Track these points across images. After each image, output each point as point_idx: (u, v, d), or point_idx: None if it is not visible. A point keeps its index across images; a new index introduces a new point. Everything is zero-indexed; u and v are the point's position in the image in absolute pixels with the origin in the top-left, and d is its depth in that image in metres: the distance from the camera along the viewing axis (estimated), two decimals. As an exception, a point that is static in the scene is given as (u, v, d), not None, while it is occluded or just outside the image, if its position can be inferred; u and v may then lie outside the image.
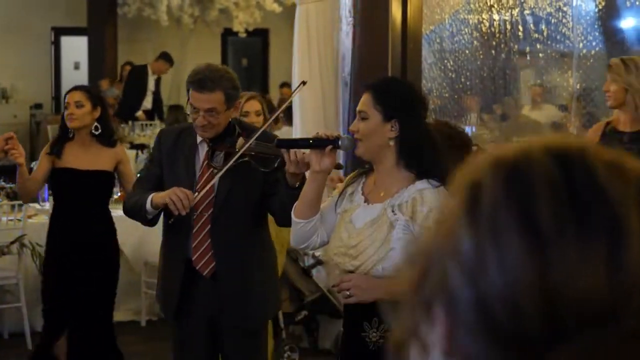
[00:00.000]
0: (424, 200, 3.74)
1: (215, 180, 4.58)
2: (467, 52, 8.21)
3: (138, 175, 6.55)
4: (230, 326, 4.76)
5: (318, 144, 3.92)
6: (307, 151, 4.07)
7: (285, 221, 4.36)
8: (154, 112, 14.82)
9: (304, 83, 4.83)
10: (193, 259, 4.69)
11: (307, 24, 7.71)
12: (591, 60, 9.16)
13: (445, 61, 8.06)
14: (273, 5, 14.85)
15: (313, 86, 7.62)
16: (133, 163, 12.12)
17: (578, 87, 9.16)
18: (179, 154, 4.76)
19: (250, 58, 18.41)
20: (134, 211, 4.74)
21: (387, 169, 3.89)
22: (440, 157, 3.92)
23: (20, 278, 7.75)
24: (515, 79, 9.99)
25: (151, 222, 4.76)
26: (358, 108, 3.92)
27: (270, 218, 4.89)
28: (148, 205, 4.59)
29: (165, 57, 14.64)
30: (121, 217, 8.43)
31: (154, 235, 6.97)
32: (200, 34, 16.33)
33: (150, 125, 14.04)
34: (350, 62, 7.72)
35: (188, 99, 4.63)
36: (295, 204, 4.01)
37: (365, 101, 3.89)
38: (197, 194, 4.54)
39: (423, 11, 7.63)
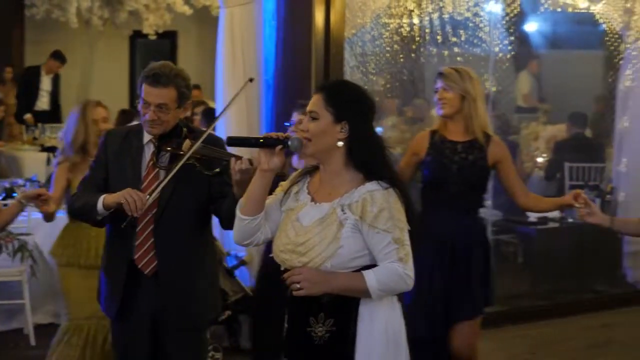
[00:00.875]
0: (374, 200, 3.84)
1: (162, 184, 4.59)
2: (387, 55, 8.33)
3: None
4: (173, 324, 4.79)
5: (268, 143, 3.95)
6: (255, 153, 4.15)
7: (230, 226, 4.39)
8: (52, 113, 14.61)
9: (250, 80, 4.89)
10: (135, 257, 4.71)
11: (232, 27, 7.75)
12: (507, 64, 9.38)
13: (367, 64, 8.16)
14: (184, 8, 14.79)
15: (236, 89, 7.67)
16: (44, 166, 12.06)
17: (494, 90, 9.37)
18: (126, 155, 4.78)
19: (158, 60, 18.25)
20: (83, 212, 4.74)
21: (335, 169, 3.96)
22: (388, 160, 4.03)
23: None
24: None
25: (100, 223, 4.77)
26: (308, 108, 3.96)
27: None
28: (99, 206, 4.61)
29: (56, 56, 14.44)
30: (41, 220, 8.42)
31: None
32: (109, 36, 16.19)
33: (56, 127, 13.87)
34: (273, 65, 7.78)
35: (140, 95, 4.65)
36: (240, 201, 4.05)
37: (316, 102, 3.94)
38: (149, 196, 4.56)
39: (345, 15, 7.72)
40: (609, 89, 9.95)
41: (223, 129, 7.69)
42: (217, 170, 4.59)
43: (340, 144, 3.91)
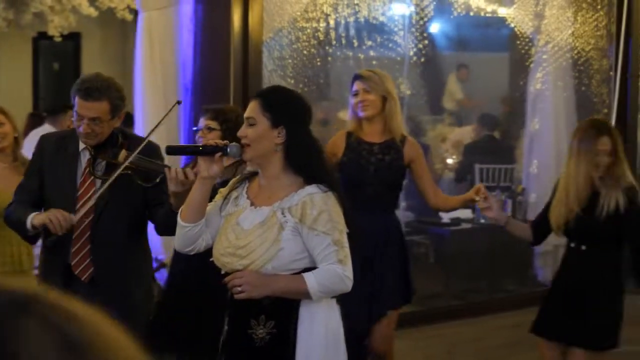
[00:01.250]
0: (313, 203, 3.93)
1: (94, 198, 4.63)
2: (305, 59, 8.36)
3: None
4: None
5: (207, 150, 4.05)
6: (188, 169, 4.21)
7: (166, 232, 4.51)
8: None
9: (179, 102, 4.93)
10: (72, 263, 4.72)
11: (150, 31, 7.71)
12: (421, 68, 9.48)
13: (285, 68, 8.18)
14: (89, 10, 14.61)
15: (156, 93, 7.65)
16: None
17: (408, 93, 9.47)
18: (61, 161, 4.78)
19: (61, 62, 18.08)
20: (16, 226, 4.78)
21: (274, 173, 4.06)
22: (326, 164, 4.12)
23: None
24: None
25: (33, 239, 4.82)
26: (246, 115, 4.07)
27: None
28: (28, 225, 4.63)
29: None
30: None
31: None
32: (12, 38, 15.93)
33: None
34: (191, 69, 7.76)
35: (73, 106, 4.64)
36: (181, 208, 4.11)
37: (253, 108, 4.04)
38: (76, 214, 4.59)
39: (263, 19, 7.73)
40: (520, 92, 10.12)
41: (142, 134, 7.63)
42: (156, 181, 4.62)
43: (278, 149, 4.02)
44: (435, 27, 9.93)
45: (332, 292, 4.01)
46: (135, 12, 14.28)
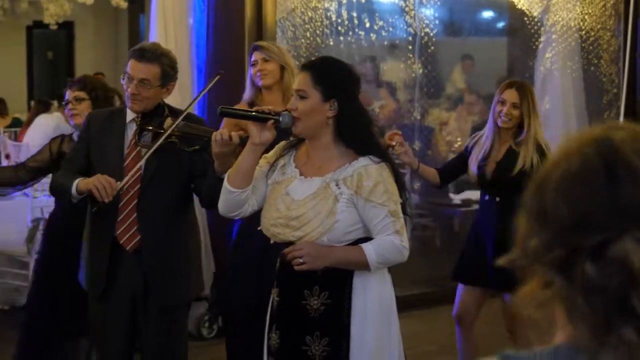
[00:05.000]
0: (369, 175, 3.94)
1: (142, 161, 4.68)
2: (318, 39, 8.33)
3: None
4: (153, 301, 4.81)
5: (260, 117, 4.04)
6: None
7: (209, 203, 4.54)
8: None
9: (220, 74, 5.00)
10: (117, 233, 4.74)
11: (164, 13, 7.67)
12: (432, 47, 9.45)
13: (299, 49, 8.15)
14: (85, -3, 14.55)
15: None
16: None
17: (420, 72, 9.46)
18: (108, 133, 4.84)
19: (55, 51, 18.07)
20: (60, 193, 4.80)
21: (324, 144, 4.06)
22: (375, 135, 4.13)
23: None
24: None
25: (77, 206, 4.79)
26: (296, 87, 4.08)
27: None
28: (73, 190, 4.63)
29: None
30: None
31: (10, 225, 6.90)
32: (6, 27, 15.89)
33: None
34: (204, 50, 7.75)
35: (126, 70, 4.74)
36: (228, 172, 4.12)
37: (304, 81, 4.03)
38: (120, 183, 4.61)
39: (276, -1, 7.72)
40: (530, 72, 10.08)
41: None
42: (197, 147, 4.65)
43: (330, 121, 4.02)
44: (443, 9, 9.88)
45: (389, 263, 4.04)
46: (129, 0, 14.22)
